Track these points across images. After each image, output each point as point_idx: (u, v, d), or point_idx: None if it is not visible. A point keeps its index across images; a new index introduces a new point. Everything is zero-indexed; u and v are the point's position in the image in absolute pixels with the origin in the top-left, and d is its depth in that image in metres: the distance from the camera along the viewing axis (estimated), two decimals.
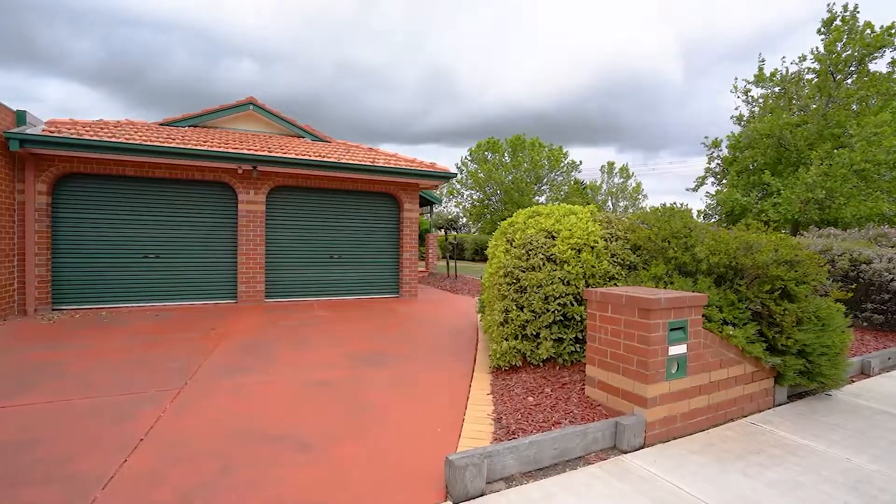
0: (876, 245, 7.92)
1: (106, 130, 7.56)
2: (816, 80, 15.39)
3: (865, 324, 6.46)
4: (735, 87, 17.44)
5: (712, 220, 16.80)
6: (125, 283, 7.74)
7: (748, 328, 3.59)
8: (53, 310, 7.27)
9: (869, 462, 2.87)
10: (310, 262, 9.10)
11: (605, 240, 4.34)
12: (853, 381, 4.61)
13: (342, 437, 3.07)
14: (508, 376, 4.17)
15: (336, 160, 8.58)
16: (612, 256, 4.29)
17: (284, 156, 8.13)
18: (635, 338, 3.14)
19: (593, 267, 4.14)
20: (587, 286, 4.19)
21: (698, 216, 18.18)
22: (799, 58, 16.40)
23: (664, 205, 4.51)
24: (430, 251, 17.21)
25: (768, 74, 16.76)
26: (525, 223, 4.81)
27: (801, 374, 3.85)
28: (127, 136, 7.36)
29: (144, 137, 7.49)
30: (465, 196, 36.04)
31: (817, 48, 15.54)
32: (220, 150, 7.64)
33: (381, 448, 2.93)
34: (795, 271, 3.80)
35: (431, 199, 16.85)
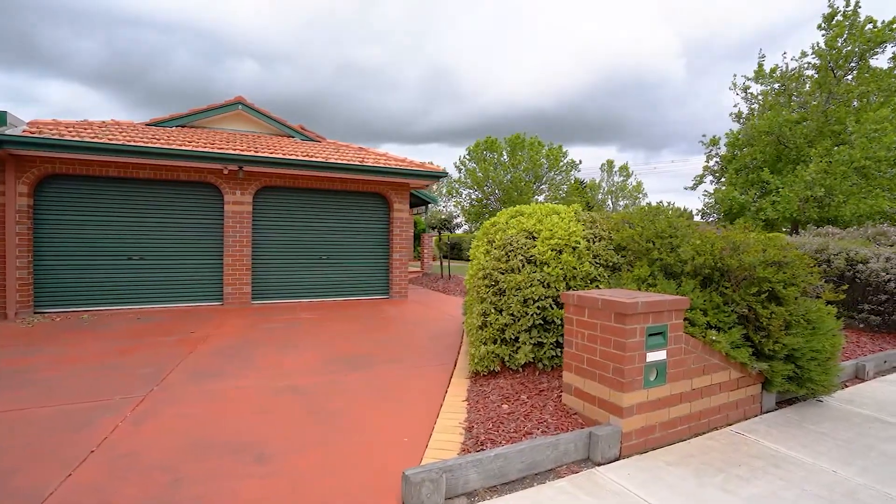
0: (875, 244, 7.74)
1: (89, 131, 7.45)
2: (817, 76, 15.15)
3: (862, 325, 6.29)
4: (734, 84, 17.22)
5: (710, 218, 16.59)
6: (109, 285, 7.63)
7: (733, 332, 3.44)
8: (35, 313, 7.17)
9: (856, 475, 2.72)
10: (298, 263, 8.97)
11: (588, 240, 4.20)
12: (846, 386, 4.45)
13: (305, 447, 2.94)
14: (487, 382, 4.03)
15: (324, 160, 8.45)
16: (595, 257, 4.14)
17: (271, 156, 8.01)
18: (611, 343, 3.00)
19: (574, 268, 4.00)
20: (568, 288, 4.04)
21: (697, 215, 17.98)
22: (800, 54, 16.18)
23: (649, 203, 4.35)
24: (425, 251, 17.07)
25: (768, 71, 16.53)
26: (507, 223, 4.67)
27: (789, 380, 3.69)
28: (110, 137, 7.25)
29: (128, 138, 7.38)
30: (463, 196, 35.87)
31: (818, 44, 15.30)
32: (205, 150, 7.52)
33: (343, 459, 2.79)
34: (784, 273, 3.64)
35: (427, 198, 16.69)
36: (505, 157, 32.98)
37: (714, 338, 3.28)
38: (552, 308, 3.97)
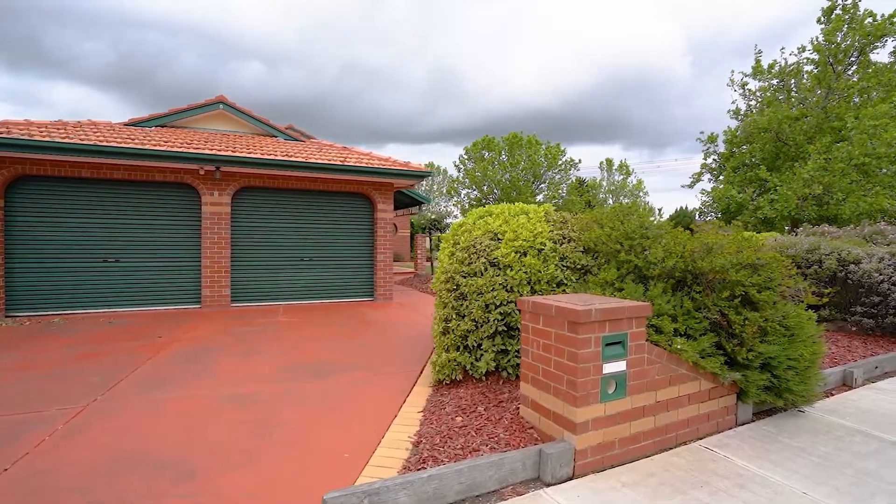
0: (871, 243, 7.47)
1: (61, 131, 7.31)
2: (816, 71, 14.82)
3: (854, 328, 6.03)
4: (732, 81, 16.90)
5: (708, 217, 16.30)
6: (83, 288, 7.49)
7: (702, 340, 3.22)
8: (7, 316, 7.03)
9: (827, 496, 2.49)
10: (280, 265, 8.80)
11: (555, 242, 3.98)
12: (832, 395, 4.21)
13: (236, 463, 2.75)
14: (448, 391, 3.83)
15: (304, 159, 8.27)
16: (562, 259, 3.93)
17: (248, 155, 7.84)
18: (565, 354, 2.79)
19: (539, 272, 3.79)
20: (533, 293, 3.83)
21: (696, 214, 17.69)
22: (798, 49, 15.85)
23: (621, 202, 4.13)
24: (419, 252, 16.87)
25: (766, 66, 16.19)
26: (474, 224, 4.46)
27: (766, 390, 3.46)
28: (82, 137, 7.10)
29: (101, 138, 7.23)
30: (462, 195, 35.65)
31: (817, 38, 14.97)
32: (178, 150, 7.36)
33: (274, 477, 2.60)
34: (759, 276, 3.42)
35: (420, 198, 16.50)
36: (503, 156, 32.73)
37: (680, 346, 3.06)
38: (516, 313, 3.76)
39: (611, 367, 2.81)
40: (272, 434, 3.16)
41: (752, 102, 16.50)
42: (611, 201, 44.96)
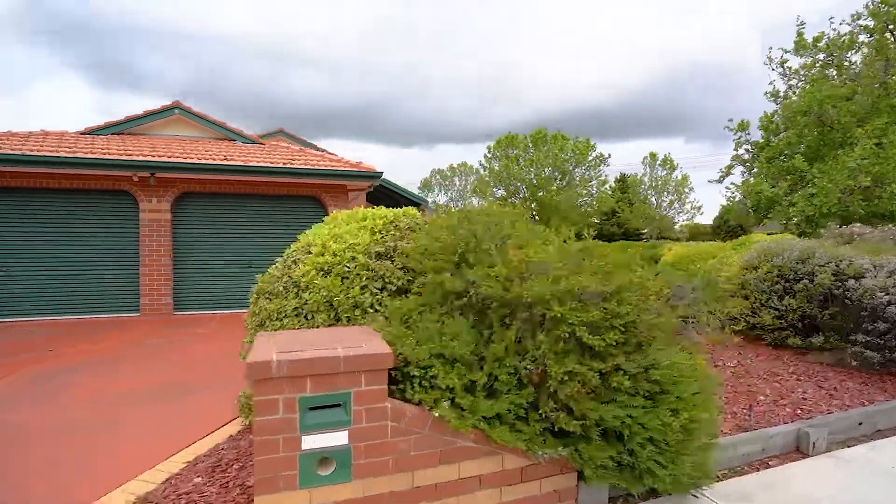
0: None
1: (1, 141, 7.45)
2: (872, 40, 12.38)
3: (855, 362, 4.57)
4: (770, 59, 14.61)
5: (746, 212, 14.19)
6: (15, 296, 7.53)
7: (502, 401, 2.30)
8: None
9: None
10: (225, 272, 8.52)
11: (371, 256, 3.17)
12: (768, 466, 3.05)
13: None
14: (248, 433, 3.18)
15: (242, 163, 7.92)
16: (378, 279, 3.11)
17: (182, 160, 7.60)
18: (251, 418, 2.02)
19: (338, 295, 3.00)
20: (337, 321, 3.05)
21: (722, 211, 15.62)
22: (852, 16, 13.36)
23: (469, 205, 3.23)
24: None
25: (811, 40, 13.82)
26: (315, 233, 3.74)
27: (623, 469, 2.46)
28: (13, 147, 7.17)
29: (34, 149, 7.27)
30: (490, 195, 34.64)
31: (873, 1, 12.50)
32: (108, 157, 7.25)
33: None
34: (604, 309, 2.42)
35: (418, 200, 15.87)
36: (530, 153, 31.34)
37: (441, 413, 2.16)
38: None
39: (319, 441, 2.00)
40: (40, 476, 2.79)
41: (794, 82, 14.17)
42: (653, 199, 41.81)
